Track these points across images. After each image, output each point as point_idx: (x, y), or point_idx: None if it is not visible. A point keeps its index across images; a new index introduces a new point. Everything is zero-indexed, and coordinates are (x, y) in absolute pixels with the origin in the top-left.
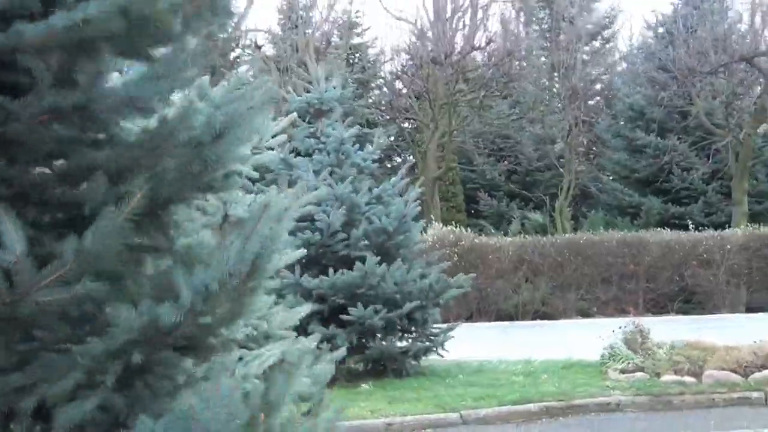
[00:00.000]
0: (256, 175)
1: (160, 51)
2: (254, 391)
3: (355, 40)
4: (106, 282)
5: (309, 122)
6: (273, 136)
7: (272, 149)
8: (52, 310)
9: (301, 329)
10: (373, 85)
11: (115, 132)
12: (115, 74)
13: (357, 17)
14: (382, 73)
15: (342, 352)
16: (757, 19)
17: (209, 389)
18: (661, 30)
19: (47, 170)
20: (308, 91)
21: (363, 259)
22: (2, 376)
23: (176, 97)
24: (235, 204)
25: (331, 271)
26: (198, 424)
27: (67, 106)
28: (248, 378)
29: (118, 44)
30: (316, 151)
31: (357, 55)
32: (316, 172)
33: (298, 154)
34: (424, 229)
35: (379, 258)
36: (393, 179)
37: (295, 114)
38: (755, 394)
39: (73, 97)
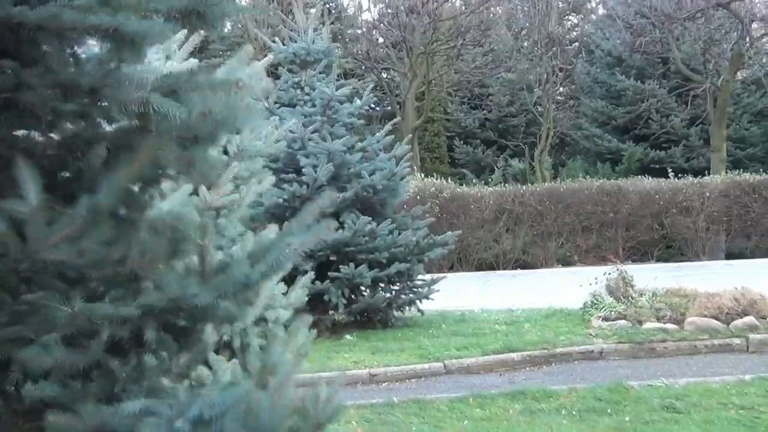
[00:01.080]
0: None
1: None
2: None
3: None
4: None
5: (292, 72)
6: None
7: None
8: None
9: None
10: (349, 33)
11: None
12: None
13: None
14: (359, 23)
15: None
16: None
17: None
18: None
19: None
20: (294, 41)
21: (346, 215)
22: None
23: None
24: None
25: None
26: None
27: (78, 82)
28: None
29: None
30: (301, 102)
31: (332, 4)
32: (304, 125)
33: (281, 104)
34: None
35: (369, 219)
36: (377, 134)
37: (270, 56)
38: (736, 341)
39: (85, 76)
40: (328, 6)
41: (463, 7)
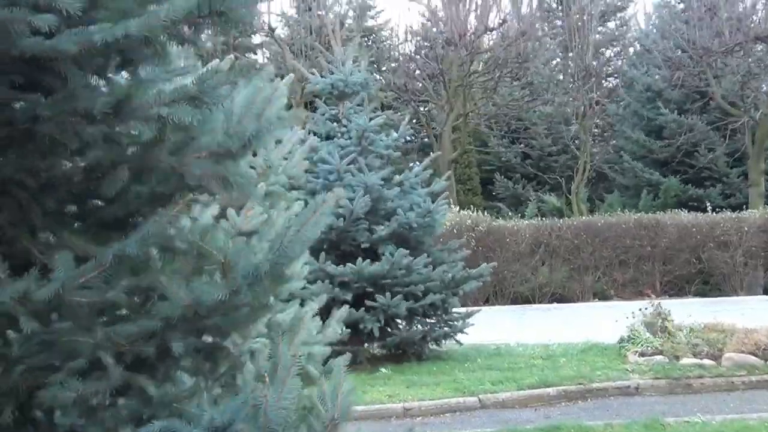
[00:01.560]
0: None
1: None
2: None
3: (369, 23)
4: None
5: (327, 103)
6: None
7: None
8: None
9: (325, 313)
10: (385, 68)
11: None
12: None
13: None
14: (397, 55)
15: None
16: None
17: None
18: (680, 6)
19: (71, 164)
20: (332, 73)
21: (383, 247)
22: (31, 356)
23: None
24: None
25: (359, 260)
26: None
27: (98, 107)
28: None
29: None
30: (338, 134)
31: (371, 37)
32: (341, 157)
33: (317, 136)
34: None
35: (407, 252)
36: (416, 168)
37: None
38: None
39: (104, 100)
40: (366, 38)
41: (500, 40)
